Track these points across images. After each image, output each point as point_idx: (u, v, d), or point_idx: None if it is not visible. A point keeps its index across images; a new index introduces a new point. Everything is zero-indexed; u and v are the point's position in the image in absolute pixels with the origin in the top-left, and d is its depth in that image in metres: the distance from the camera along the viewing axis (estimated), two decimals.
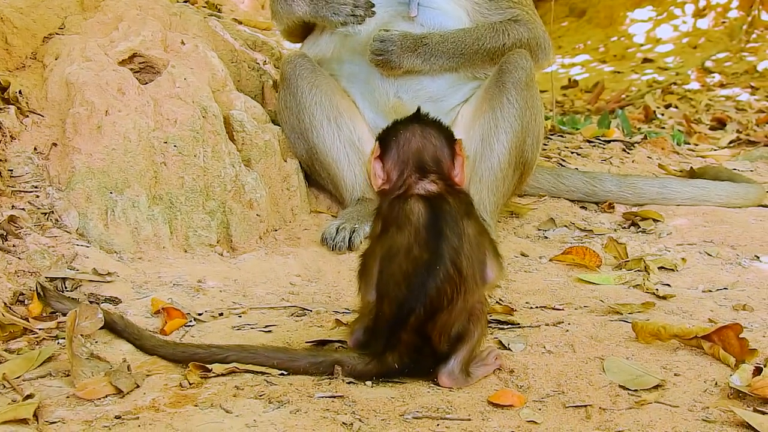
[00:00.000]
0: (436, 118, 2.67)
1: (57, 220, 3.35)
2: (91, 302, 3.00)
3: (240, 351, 2.59)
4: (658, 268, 3.66)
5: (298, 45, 4.34)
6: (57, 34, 3.82)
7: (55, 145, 3.47)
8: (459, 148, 2.60)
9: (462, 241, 2.44)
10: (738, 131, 7.26)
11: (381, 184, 2.58)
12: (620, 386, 2.55)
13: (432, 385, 2.54)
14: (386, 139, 2.60)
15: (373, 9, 3.92)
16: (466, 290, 2.43)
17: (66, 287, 3.09)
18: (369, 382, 2.52)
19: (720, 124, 7.71)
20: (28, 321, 2.87)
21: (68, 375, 2.52)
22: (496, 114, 3.92)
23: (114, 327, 2.76)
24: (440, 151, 2.57)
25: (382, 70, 3.97)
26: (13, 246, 3.14)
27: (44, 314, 2.92)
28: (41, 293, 2.94)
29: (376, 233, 2.55)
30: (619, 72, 11.38)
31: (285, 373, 2.54)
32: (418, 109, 2.67)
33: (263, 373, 2.53)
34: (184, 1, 6.05)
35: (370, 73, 4.02)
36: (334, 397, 2.42)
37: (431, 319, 2.43)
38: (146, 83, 3.63)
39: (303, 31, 4.21)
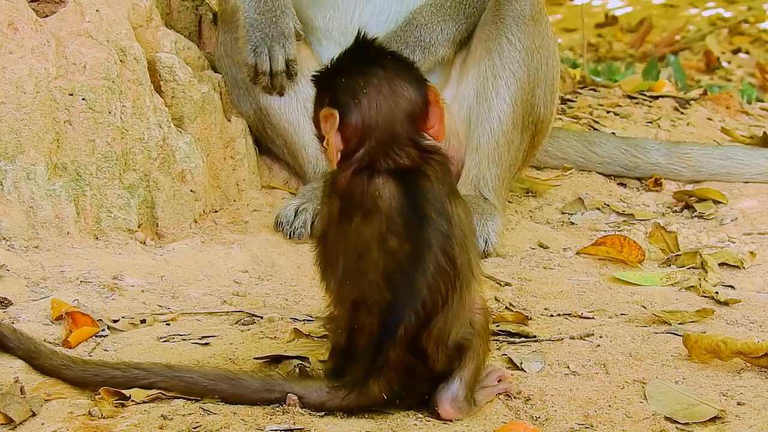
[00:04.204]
0: (395, 52, 2.66)
1: None
2: None
3: (170, 373, 2.59)
4: (719, 264, 3.68)
5: None
6: None
7: None
8: (434, 95, 2.58)
9: (452, 225, 2.46)
10: None
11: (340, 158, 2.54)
12: (667, 418, 2.58)
13: (420, 416, 2.55)
14: (345, 100, 2.53)
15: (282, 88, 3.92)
16: (462, 285, 2.46)
17: None
18: (338, 412, 2.54)
19: None
20: None
21: None
22: (493, 59, 3.92)
23: (2, 341, 2.75)
24: (415, 106, 2.54)
25: None
26: None
27: None
28: None
29: (333, 214, 2.53)
30: (672, 6, 11.41)
31: None
32: (365, 38, 2.60)
33: (197, 399, 2.55)
34: None
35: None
36: (291, 430, 2.44)
37: (425, 326, 2.45)
38: (46, 16, 3.62)
39: None
